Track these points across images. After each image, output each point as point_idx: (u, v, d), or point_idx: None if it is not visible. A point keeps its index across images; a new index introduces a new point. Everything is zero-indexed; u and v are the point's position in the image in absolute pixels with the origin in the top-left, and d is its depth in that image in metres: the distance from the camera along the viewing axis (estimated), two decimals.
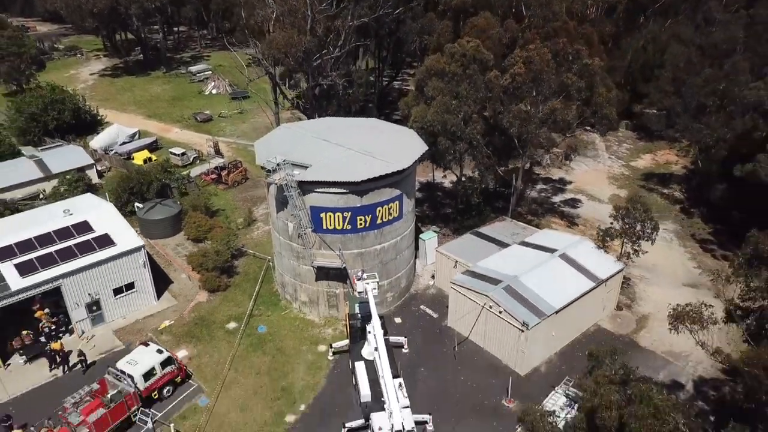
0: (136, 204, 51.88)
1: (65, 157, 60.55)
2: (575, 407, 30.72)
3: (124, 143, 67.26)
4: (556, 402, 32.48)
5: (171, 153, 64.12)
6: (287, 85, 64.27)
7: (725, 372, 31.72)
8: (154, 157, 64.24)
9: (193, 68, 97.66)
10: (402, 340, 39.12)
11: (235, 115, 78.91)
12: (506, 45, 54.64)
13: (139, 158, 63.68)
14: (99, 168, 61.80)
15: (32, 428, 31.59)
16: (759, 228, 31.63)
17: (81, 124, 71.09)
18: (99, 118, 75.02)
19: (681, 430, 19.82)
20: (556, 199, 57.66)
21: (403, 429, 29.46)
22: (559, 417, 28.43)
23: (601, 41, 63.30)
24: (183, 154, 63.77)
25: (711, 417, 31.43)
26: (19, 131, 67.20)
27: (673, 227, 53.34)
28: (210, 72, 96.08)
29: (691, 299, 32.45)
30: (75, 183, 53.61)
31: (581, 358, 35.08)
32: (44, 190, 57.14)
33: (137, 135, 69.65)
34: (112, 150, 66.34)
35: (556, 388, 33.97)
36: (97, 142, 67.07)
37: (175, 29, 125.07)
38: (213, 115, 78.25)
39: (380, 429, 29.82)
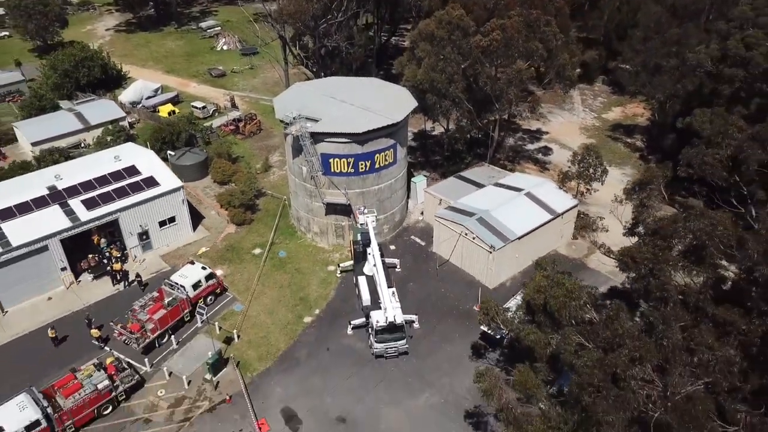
0: (169, 152, 60.19)
1: (100, 110, 68.47)
2: None
3: (150, 97, 74.93)
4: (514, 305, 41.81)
5: (193, 106, 71.95)
6: (297, 46, 71.41)
7: None
8: (177, 110, 71.99)
9: (203, 24, 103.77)
10: (396, 261, 48.40)
11: (246, 71, 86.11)
12: (490, 10, 61.65)
13: (164, 111, 71.47)
14: (129, 120, 69.78)
15: (111, 323, 41.06)
16: None
17: (108, 80, 78.60)
18: (123, 73, 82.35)
19: (583, 308, 28.92)
20: (531, 147, 66.04)
21: (395, 321, 39.04)
22: (510, 311, 37.65)
23: (573, 6, 70.06)
24: (204, 107, 71.63)
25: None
26: (54, 86, 74.64)
27: (630, 172, 61.82)
28: (219, 28, 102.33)
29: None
30: (118, 133, 61.77)
31: None
32: (84, 140, 65.38)
33: (160, 90, 77.16)
34: (139, 103, 74.11)
35: (515, 295, 43.30)
36: (125, 96, 74.79)
37: None
38: (226, 71, 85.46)
39: (377, 322, 39.33)
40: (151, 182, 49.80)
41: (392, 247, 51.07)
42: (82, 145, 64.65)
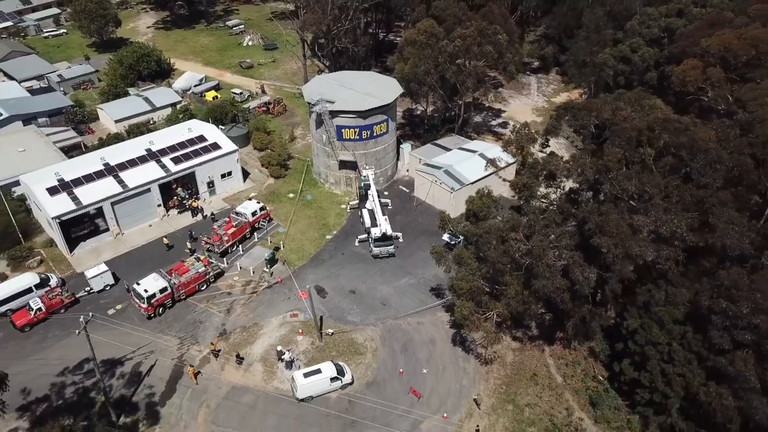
0: (220, 126, 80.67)
1: (161, 95, 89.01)
2: None
3: (197, 85, 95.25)
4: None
5: (233, 92, 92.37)
6: (315, 47, 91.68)
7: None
8: (218, 96, 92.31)
9: (230, 23, 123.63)
10: (388, 201, 69.39)
11: (269, 63, 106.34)
12: (459, 19, 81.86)
13: (209, 96, 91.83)
14: (184, 103, 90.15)
15: (200, 236, 62.10)
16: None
17: (162, 71, 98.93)
18: (170, 65, 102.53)
19: (493, 211, 49.82)
20: (493, 122, 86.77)
21: (386, 232, 60.13)
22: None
23: (521, 19, 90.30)
24: (240, 93, 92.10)
25: None
26: (121, 77, 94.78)
27: (564, 142, 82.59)
28: (243, 26, 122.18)
29: None
30: (184, 112, 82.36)
31: None
32: (152, 118, 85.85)
33: (204, 79, 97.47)
34: (188, 90, 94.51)
35: None
36: (178, 84, 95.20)
37: None
38: (254, 63, 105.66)
39: (375, 234, 60.41)
40: (215, 146, 70.52)
41: (386, 193, 71.94)
42: (151, 122, 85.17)
